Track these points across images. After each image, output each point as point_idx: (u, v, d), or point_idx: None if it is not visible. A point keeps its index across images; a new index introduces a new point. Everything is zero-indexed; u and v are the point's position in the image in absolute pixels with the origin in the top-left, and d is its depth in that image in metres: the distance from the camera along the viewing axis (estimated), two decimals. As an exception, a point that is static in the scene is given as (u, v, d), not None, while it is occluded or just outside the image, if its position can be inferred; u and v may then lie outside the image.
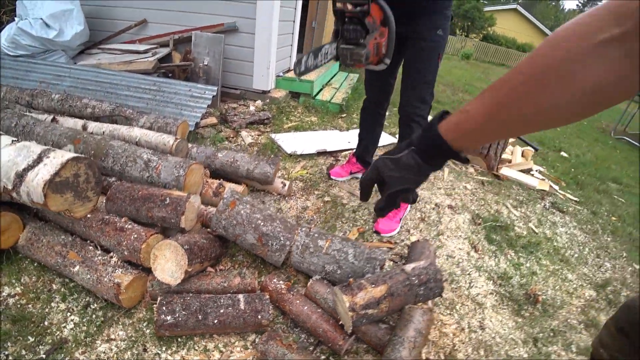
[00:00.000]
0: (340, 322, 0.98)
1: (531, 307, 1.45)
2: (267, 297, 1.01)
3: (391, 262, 1.46)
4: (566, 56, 0.38)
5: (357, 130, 1.94)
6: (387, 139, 2.71)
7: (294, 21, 3.43)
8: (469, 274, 1.51)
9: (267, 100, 3.00)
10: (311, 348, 1.00)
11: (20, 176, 0.98)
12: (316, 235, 1.17)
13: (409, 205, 1.76)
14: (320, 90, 3.47)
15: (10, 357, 0.88)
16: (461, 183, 2.39)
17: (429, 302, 1.13)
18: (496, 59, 20.01)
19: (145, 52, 2.90)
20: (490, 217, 2.04)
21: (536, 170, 3.10)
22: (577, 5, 51.63)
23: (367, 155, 1.95)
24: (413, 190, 0.61)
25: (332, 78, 4.03)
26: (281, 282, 1.10)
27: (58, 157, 1.00)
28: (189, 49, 2.89)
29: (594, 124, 7.20)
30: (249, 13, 2.79)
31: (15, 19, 2.88)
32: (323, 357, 0.99)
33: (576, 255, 2.00)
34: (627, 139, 6.26)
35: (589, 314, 1.54)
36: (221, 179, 1.55)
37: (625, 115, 6.80)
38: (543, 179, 2.89)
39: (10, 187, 1.00)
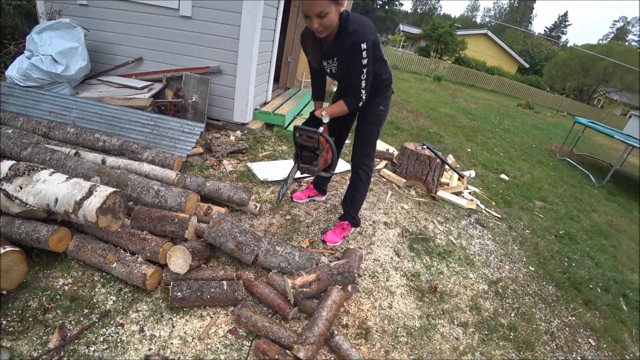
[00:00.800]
0: (288, 298, 1.54)
1: (431, 296, 2.05)
2: (242, 282, 1.56)
3: (328, 261, 2.03)
4: None
5: None
6: (343, 166, 3.31)
7: (270, 61, 4.02)
8: (388, 272, 2.11)
9: (246, 131, 3.57)
10: (269, 315, 1.56)
11: (79, 204, 1.50)
12: (275, 243, 1.74)
13: (352, 229, 2.34)
14: (292, 121, 4.05)
15: (73, 322, 1.39)
16: (400, 204, 3.01)
17: (349, 288, 1.71)
18: (467, 80, 21.32)
19: (143, 88, 3.41)
20: (417, 231, 2.65)
21: (470, 192, 3.77)
22: (545, 29, 55.35)
23: (323, 184, 2.54)
24: None
25: (303, 108, 4.61)
26: (251, 274, 1.65)
27: (103, 191, 1.52)
28: (180, 87, 3.42)
29: (544, 146, 8.00)
30: (231, 59, 3.36)
31: (25, 52, 3.29)
32: (277, 320, 1.54)
33: (482, 260, 2.63)
34: (569, 160, 7.05)
35: (476, 301, 2.15)
36: (209, 203, 2.10)
37: (570, 136, 7.62)
38: (472, 200, 3.55)
39: (70, 211, 1.51)
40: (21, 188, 1.58)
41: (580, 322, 2.29)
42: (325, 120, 1.83)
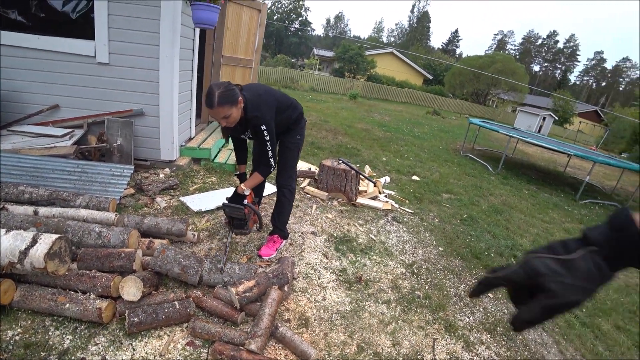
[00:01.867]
0: (234, 305, 1.80)
1: (358, 285, 2.45)
2: (191, 299, 1.78)
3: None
4: None
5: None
6: (270, 189, 3.63)
7: (191, 99, 4.24)
8: (319, 272, 2.46)
9: (174, 168, 3.72)
10: (221, 323, 1.80)
11: (24, 253, 1.60)
12: (215, 262, 1.99)
13: (283, 241, 2.67)
14: (218, 153, 4.29)
15: (32, 364, 1.49)
16: (324, 214, 3.42)
17: (286, 288, 2.02)
18: (380, 95, 23.25)
19: (63, 136, 3.39)
20: (341, 235, 3.07)
21: (385, 195, 4.35)
22: (442, 44, 62.97)
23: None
24: (581, 303, 0.48)
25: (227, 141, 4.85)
26: (199, 292, 1.88)
27: (48, 238, 1.65)
28: (103, 131, 3.47)
29: (450, 146, 9.17)
30: (153, 101, 3.51)
31: None
32: (228, 326, 1.79)
33: (399, 249, 3.12)
34: (470, 155, 8.23)
35: (396, 282, 2.59)
36: (150, 237, 2.27)
37: (470, 135, 8.90)
38: (387, 201, 4.11)
39: (15, 261, 1.61)
40: (-43, 249, 1.63)
41: None
42: (247, 192, 2.21)
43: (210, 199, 3.17)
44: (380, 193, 4.27)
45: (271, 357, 1.66)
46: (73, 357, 1.53)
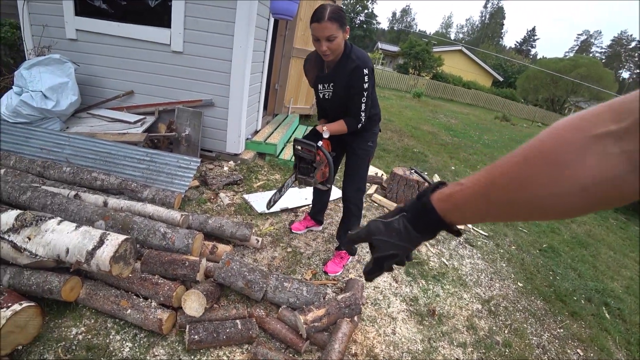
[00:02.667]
0: (300, 333, 1.60)
1: (430, 319, 2.15)
2: (254, 320, 1.61)
3: (333, 293, 2.11)
4: (560, 144, 0.37)
5: (312, 187, 2.60)
6: (336, 193, 3.41)
7: (260, 91, 4.14)
8: (388, 298, 2.19)
9: (239, 161, 3.64)
10: (283, 350, 1.61)
11: (91, 254, 1.53)
12: (282, 279, 1.80)
13: (350, 257, 2.43)
14: (283, 149, 4.16)
15: (90, 371, 1.41)
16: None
17: (355, 318, 1.78)
18: (445, 95, 22.07)
19: (135, 122, 3.45)
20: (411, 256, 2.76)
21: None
22: (516, 43, 58.16)
23: (319, 215, 2.63)
24: (402, 256, 0.61)
25: (292, 134, 4.73)
26: (262, 311, 1.71)
27: (114, 239, 1.57)
28: (173, 120, 3.48)
29: None
30: (223, 92, 3.45)
31: (14, 87, 3.26)
32: (290, 354, 1.60)
33: (474, 279, 2.76)
34: None
35: (472, 321, 2.25)
36: (212, 239, 2.15)
37: None
38: (459, 219, 3.72)
39: (82, 261, 1.54)
40: (29, 239, 1.60)
41: (568, 333, 2.42)
42: (326, 135, 1.92)
43: (274, 200, 3.01)
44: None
45: (338, 404, 1.44)
46: (130, 369, 1.44)
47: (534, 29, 56.70)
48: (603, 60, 52.65)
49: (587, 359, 2.24)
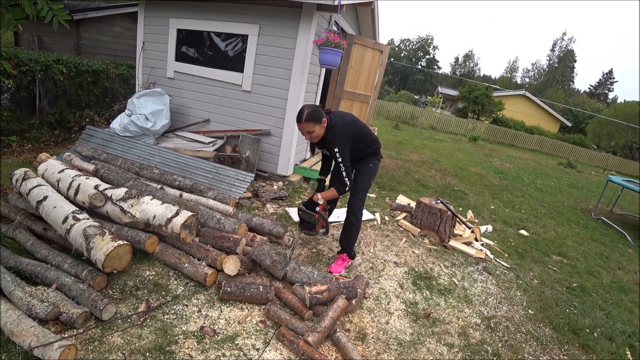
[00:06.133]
0: (305, 302, 2.08)
1: (424, 320, 2.45)
2: (273, 288, 2.15)
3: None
4: None
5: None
6: (366, 215, 3.87)
7: (309, 124, 4.86)
8: (390, 298, 2.56)
9: (287, 182, 4.31)
10: (291, 314, 2.11)
11: (169, 220, 2.21)
12: (300, 263, 2.33)
13: (350, 260, 2.85)
14: (329, 171, 4.77)
15: (154, 298, 2.03)
16: (412, 249, 3.47)
17: (354, 302, 2.22)
18: (505, 140, 21.31)
19: (208, 143, 4.33)
20: (422, 271, 3.08)
21: (481, 243, 4.10)
22: (590, 87, 54.17)
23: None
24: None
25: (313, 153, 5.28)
26: (280, 284, 2.24)
27: (186, 213, 2.24)
28: (237, 144, 4.30)
29: (580, 205, 7.57)
30: (279, 124, 4.21)
31: (126, 111, 4.35)
32: (295, 317, 2.08)
33: (481, 300, 2.90)
34: (604, 219, 6.72)
35: (466, 330, 2.43)
36: (254, 233, 2.76)
37: (609, 195, 7.28)
38: (481, 250, 3.88)
39: (163, 224, 2.23)
40: (132, 206, 2.35)
41: None
42: (320, 202, 2.52)
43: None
44: (476, 240, 4.07)
45: (323, 353, 1.87)
46: (180, 302, 2.04)
47: (610, 72, 52.59)
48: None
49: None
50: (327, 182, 2.56)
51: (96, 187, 2.47)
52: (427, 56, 49.90)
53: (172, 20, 4.53)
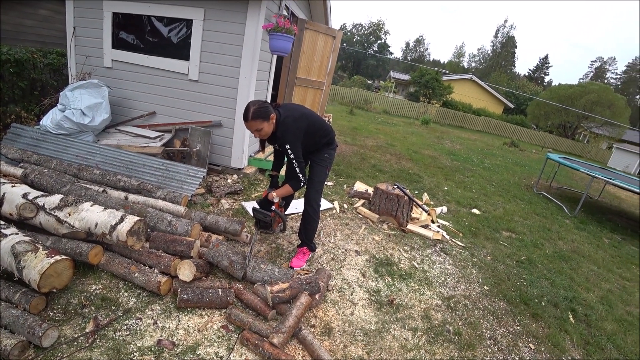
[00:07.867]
0: (268, 302, 2.01)
1: (388, 307, 2.49)
2: (232, 290, 2.05)
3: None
4: None
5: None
6: (325, 204, 3.85)
7: (264, 114, 4.70)
8: (353, 288, 2.57)
9: (241, 175, 4.15)
10: (254, 315, 2.03)
11: (113, 227, 2.02)
12: (259, 261, 2.24)
13: (311, 253, 2.83)
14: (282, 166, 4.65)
15: (104, 315, 1.86)
16: (372, 236, 3.51)
17: (317, 296, 2.18)
18: (455, 122, 22.41)
19: (155, 138, 4.03)
20: (383, 258, 3.13)
21: (438, 225, 4.26)
22: (529, 71, 58.42)
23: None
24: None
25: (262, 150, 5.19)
26: (240, 285, 2.14)
27: (131, 218, 2.05)
28: (186, 137, 4.05)
29: (523, 182, 8.24)
30: (230, 115, 4.02)
31: (58, 105, 3.90)
32: (260, 320, 2.01)
33: (440, 281, 3.04)
34: (545, 194, 7.30)
35: (428, 312, 2.55)
36: (209, 232, 2.62)
37: (548, 170, 7.94)
38: (438, 231, 4.03)
39: (107, 233, 2.03)
40: (70, 215, 2.11)
41: (524, 330, 2.56)
42: (276, 200, 2.43)
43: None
44: (432, 222, 4.22)
45: (290, 354, 1.83)
46: (133, 316, 1.88)
47: (546, 57, 56.97)
48: (619, 86, 52.01)
49: (538, 352, 2.39)
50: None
51: (25, 195, 2.19)
52: (379, 41, 50.62)
53: (105, 3, 4.09)
